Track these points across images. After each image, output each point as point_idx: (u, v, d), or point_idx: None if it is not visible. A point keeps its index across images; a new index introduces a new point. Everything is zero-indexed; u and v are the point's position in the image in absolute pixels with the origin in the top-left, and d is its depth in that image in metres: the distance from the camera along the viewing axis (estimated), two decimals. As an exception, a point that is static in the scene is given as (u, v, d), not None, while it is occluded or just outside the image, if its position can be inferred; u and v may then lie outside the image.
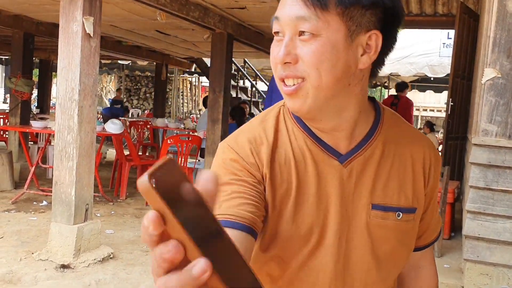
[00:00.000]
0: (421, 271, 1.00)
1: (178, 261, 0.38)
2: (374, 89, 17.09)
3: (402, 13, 0.79)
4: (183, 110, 16.10)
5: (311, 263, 0.83)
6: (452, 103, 5.33)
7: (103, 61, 12.94)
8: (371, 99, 0.89)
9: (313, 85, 0.75)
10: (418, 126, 13.60)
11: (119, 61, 13.30)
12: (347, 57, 0.76)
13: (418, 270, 1.00)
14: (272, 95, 5.39)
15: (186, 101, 16.62)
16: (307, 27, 0.74)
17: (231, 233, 0.70)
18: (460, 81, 5.42)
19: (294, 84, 0.76)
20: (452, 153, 5.47)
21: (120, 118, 8.73)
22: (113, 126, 5.54)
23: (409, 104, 8.14)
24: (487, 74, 3.37)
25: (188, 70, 12.70)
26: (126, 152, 6.38)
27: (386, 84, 12.99)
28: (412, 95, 11.88)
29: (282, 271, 0.85)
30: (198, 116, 13.47)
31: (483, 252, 3.38)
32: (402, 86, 8.33)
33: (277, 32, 0.78)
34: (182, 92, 16.35)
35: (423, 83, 12.29)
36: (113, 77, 17.39)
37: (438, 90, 12.87)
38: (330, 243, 0.83)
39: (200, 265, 0.37)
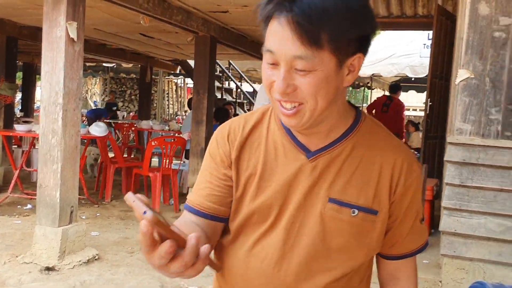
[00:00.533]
0: (398, 283, 1.03)
1: (175, 250, 0.66)
2: (357, 90, 17.26)
3: (377, 31, 0.88)
4: (168, 111, 16.10)
5: (264, 240, 0.95)
6: (430, 103, 5.45)
7: (87, 64, 12.89)
8: (354, 107, 0.99)
9: (310, 109, 0.86)
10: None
11: (104, 64, 13.27)
12: (337, 81, 0.86)
13: (395, 282, 1.03)
14: None
15: (171, 102, 16.62)
16: (304, 65, 0.82)
17: (195, 218, 0.98)
18: (438, 82, 5.55)
19: (292, 108, 0.86)
20: (431, 151, 5.59)
21: (105, 120, 8.74)
22: (98, 129, 5.56)
23: (401, 106, 8.21)
24: (460, 75, 3.49)
25: (173, 72, 12.72)
26: (112, 155, 6.40)
27: (369, 84, 13.15)
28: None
29: (242, 244, 0.98)
30: (184, 117, 13.49)
31: (459, 247, 3.48)
32: (395, 88, 8.38)
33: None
34: (168, 93, 16.35)
35: (406, 83, 12.46)
36: (98, 80, 17.31)
37: (420, 90, 13.06)
38: (283, 225, 0.93)
39: (193, 237, 0.68)
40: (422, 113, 16.11)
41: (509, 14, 3.38)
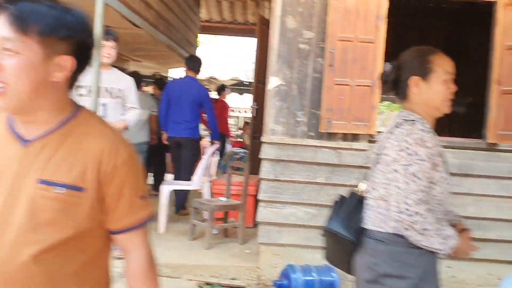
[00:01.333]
0: (130, 255, 1.18)
1: None
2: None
3: (93, 44, 1.10)
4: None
5: None
6: (256, 107, 5.93)
7: None
8: (76, 105, 1.15)
9: (14, 90, 1.02)
10: (239, 126, 14.49)
11: None
12: (42, 72, 1.03)
13: (128, 254, 1.18)
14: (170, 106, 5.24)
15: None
16: (10, 46, 1.01)
17: None
18: (262, 86, 6.04)
19: (1, 88, 1.02)
20: (257, 151, 6.05)
21: None
22: None
23: (225, 107, 8.80)
24: (272, 82, 3.90)
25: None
26: None
27: (206, 86, 13.57)
28: (232, 97, 12.63)
29: None
30: None
31: (274, 235, 3.89)
32: (219, 90, 9.01)
33: None
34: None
35: (242, 86, 13.16)
36: None
37: (254, 93, 13.91)
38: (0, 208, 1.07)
39: None
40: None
41: (311, 28, 3.89)
